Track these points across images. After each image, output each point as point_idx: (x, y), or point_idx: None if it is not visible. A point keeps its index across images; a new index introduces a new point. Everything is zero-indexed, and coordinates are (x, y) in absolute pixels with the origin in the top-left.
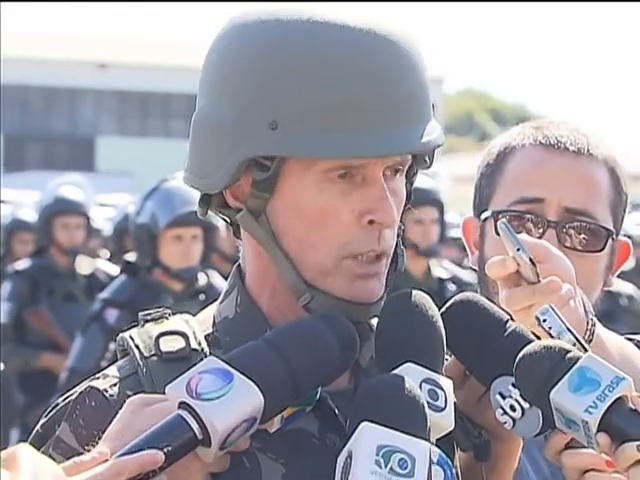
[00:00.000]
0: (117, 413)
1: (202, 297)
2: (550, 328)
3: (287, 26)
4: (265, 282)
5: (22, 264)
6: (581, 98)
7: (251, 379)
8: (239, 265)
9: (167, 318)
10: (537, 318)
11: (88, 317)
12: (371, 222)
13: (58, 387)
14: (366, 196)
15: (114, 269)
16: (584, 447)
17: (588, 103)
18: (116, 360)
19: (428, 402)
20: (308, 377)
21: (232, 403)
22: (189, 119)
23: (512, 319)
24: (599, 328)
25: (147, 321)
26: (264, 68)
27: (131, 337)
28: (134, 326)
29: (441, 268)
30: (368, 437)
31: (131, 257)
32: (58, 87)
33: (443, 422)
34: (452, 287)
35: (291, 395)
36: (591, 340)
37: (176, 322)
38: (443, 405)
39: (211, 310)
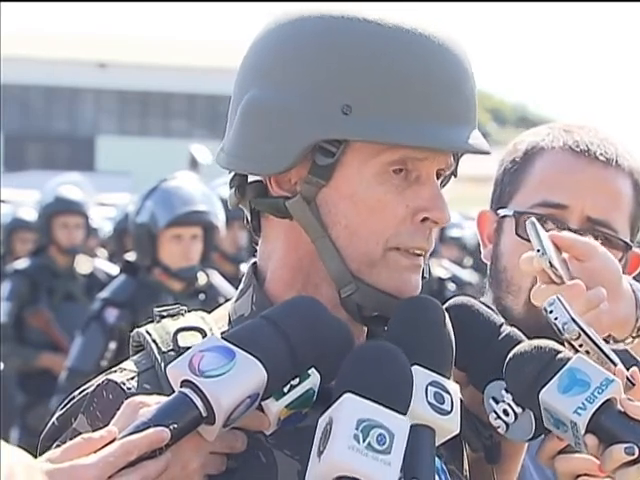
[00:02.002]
0: None
1: (202, 297)
2: (556, 319)
3: (359, 20)
4: (296, 276)
5: (21, 263)
6: (582, 98)
7: (253, 355)
8: (254, 263)
9: (183, 315)
10: (545, 309)
11: (88, 317)
12: (424, 220)
13: (57, 387)
14: (420, 193)
15: (113, 269)
16: (577, 452)
17: (589, 103)
18: (121, 359)
19: (434, 405)
20: (308, 352)
21: (236, 379)
22: (189, 119)
23: (507, 323)
24: None
25: (163, 317)
26: (338, 54)
27: (148, 332)
28: (149, 322)
29: (441, 268)
30: (349, 409)
31: (131, 257)
32: (58, 87)
33: (448, 426)
34: (452, 286)
35: (291, 371)
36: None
37: (193, 319)
38: (449, 409)
39: (226, 308)
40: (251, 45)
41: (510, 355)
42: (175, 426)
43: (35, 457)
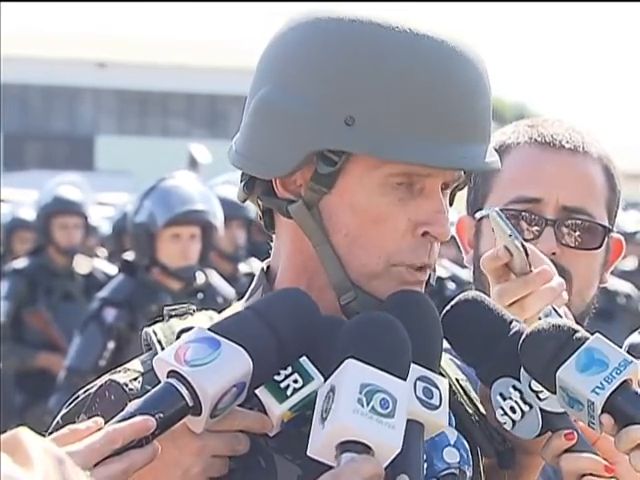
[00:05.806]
0: None
1: (200, 296)
2: None
3: (372, 25)
4: (301, 278)
5: (20, 263)
6: (581, 97)
7: (238, 344)
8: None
9: (192, 314)
10: (540, 319)
11: (86, 316)
12: (425, 234)
13: (57, 386)
14: (424, 207)
15: (112, 268)
16: (583, 451)
17: (588, 102)
18: (119, 358)
19: (422, 400)
20: (295, 341)
21: (221, 367)
22: (188, 119)
23: (517, 320)
24: None
25: (171, 316)
26: (349, 64)
27: (154, 332)
28: (159, 321)
29: (440, 267)
30: (352, 374)
31: (129, 256)
32: (57, 86)
33: (437, 420)
34: (451, 286)
35: (278, 360)
36: None
37: (200, 319)
38: (437, 403)
39: (236, 308)
40: (269, 43)
41: (527, 332)
42: (161, 415)
43: None
